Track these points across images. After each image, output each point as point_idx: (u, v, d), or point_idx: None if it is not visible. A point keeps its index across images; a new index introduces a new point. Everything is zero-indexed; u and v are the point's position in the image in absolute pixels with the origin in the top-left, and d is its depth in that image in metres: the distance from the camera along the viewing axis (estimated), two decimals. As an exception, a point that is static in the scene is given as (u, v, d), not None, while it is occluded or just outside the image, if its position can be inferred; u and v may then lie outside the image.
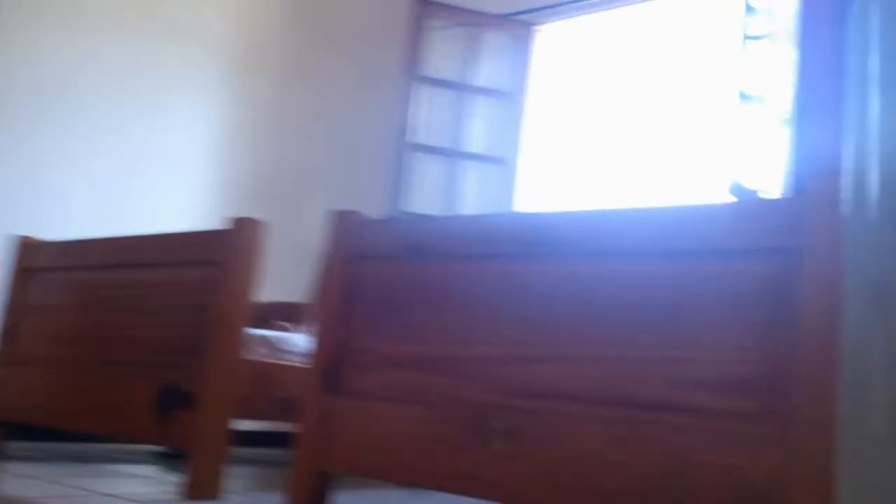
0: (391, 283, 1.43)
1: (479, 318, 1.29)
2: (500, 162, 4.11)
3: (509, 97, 4.13)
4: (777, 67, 2.89)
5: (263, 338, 1.95)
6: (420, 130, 4.12)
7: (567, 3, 4.01)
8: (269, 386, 1.87)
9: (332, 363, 1.44)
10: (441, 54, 4.19)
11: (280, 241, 4.13)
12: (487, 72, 4.18)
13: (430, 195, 4.15)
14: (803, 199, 1.01)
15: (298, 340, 1.99)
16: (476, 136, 4.15)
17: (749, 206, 1.07)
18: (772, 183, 2.88)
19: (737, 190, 2.75)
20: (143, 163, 3.64)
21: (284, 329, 2.48)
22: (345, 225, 1.52)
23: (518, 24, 4.14)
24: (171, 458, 2.49)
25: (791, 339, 0.98)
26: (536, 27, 4.15)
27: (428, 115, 4.17)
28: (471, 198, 4.13)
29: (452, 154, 4.10)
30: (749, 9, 2.77)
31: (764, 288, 1.02)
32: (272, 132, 4.13)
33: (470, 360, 1.28)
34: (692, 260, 1.09)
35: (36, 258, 2.20)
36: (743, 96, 2.75)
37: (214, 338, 1.68)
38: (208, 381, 1.67)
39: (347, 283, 1.47)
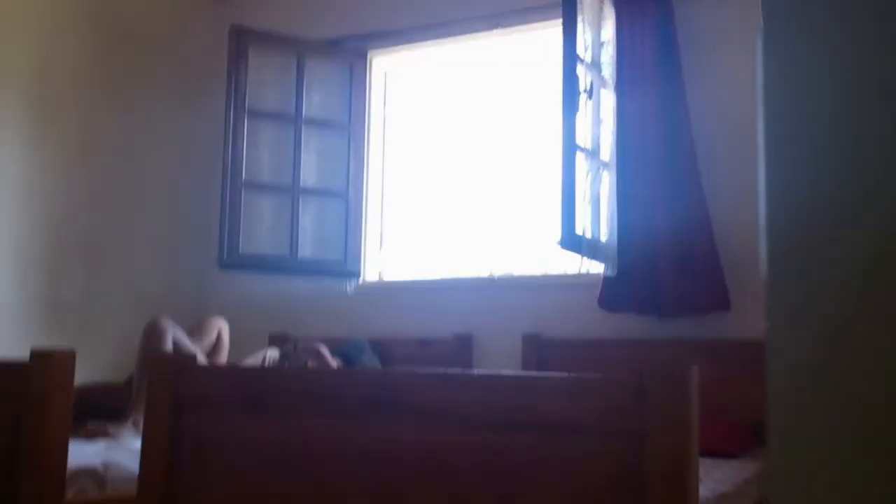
0: (221, 437, 1.32)
1: (317, 481, 1.22)
2: (339, 195, 4.00)
3: (345, 127, 4.02)
4: (603, 116, 2.97)
5: (89, 470, 1.78)
6: (252, 166, 3.93)
7: (397, 31, 3.95)
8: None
9: (161, 528, 1.32)
10: (269, 85, 4.01)
11: (103, 293, 3.86)
12: (320, 102, 4.05)
13: (267, 234, 3.98)
14: (648, 379, 1.00)
15: (129, 462, 1.82)
16: (312, 170, 4.01)
17: (591, 382, 1.05)
18: (602, 231, 2.96)
19: (566, 241, 2.78)
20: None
21: (105, 433, 2.25)
22: (168, 371, 1.39)
23: (349, 52, 4.03)
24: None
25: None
26: (371, 54, 4.06)
27: (260, 149, 3.99)
28: (310, 234, 4.00)
29: (288, 190, 3.95)
30: (577, 59, 2.81)
31: (610, 472, 1.01)
32: (82, 172, 3.77)
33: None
34: (532, 434, 1.06)
35: None
36: (572, 145, 2.79)
37: (28, 486, 1.50)
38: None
39: (171, 436, 1.35)
